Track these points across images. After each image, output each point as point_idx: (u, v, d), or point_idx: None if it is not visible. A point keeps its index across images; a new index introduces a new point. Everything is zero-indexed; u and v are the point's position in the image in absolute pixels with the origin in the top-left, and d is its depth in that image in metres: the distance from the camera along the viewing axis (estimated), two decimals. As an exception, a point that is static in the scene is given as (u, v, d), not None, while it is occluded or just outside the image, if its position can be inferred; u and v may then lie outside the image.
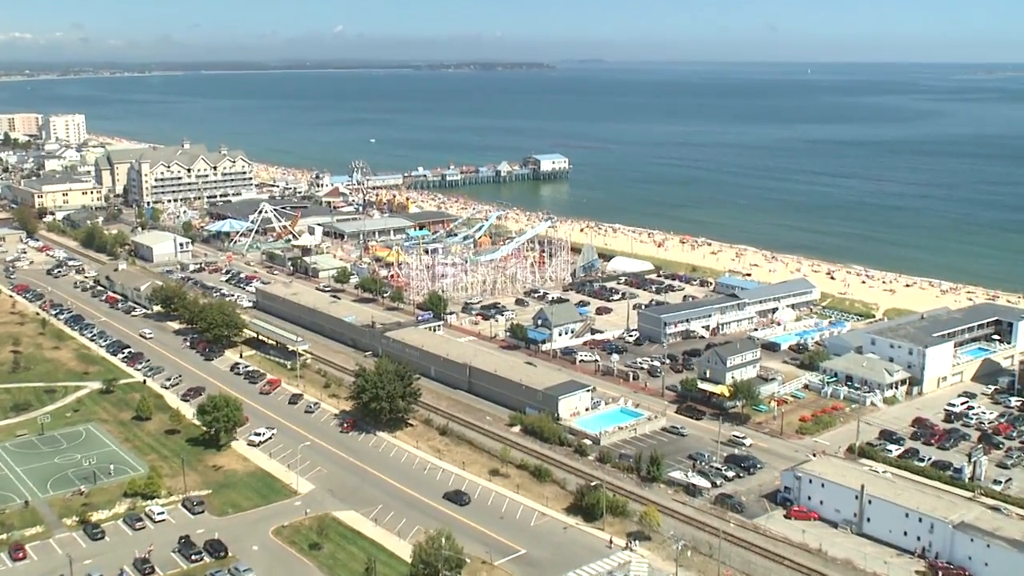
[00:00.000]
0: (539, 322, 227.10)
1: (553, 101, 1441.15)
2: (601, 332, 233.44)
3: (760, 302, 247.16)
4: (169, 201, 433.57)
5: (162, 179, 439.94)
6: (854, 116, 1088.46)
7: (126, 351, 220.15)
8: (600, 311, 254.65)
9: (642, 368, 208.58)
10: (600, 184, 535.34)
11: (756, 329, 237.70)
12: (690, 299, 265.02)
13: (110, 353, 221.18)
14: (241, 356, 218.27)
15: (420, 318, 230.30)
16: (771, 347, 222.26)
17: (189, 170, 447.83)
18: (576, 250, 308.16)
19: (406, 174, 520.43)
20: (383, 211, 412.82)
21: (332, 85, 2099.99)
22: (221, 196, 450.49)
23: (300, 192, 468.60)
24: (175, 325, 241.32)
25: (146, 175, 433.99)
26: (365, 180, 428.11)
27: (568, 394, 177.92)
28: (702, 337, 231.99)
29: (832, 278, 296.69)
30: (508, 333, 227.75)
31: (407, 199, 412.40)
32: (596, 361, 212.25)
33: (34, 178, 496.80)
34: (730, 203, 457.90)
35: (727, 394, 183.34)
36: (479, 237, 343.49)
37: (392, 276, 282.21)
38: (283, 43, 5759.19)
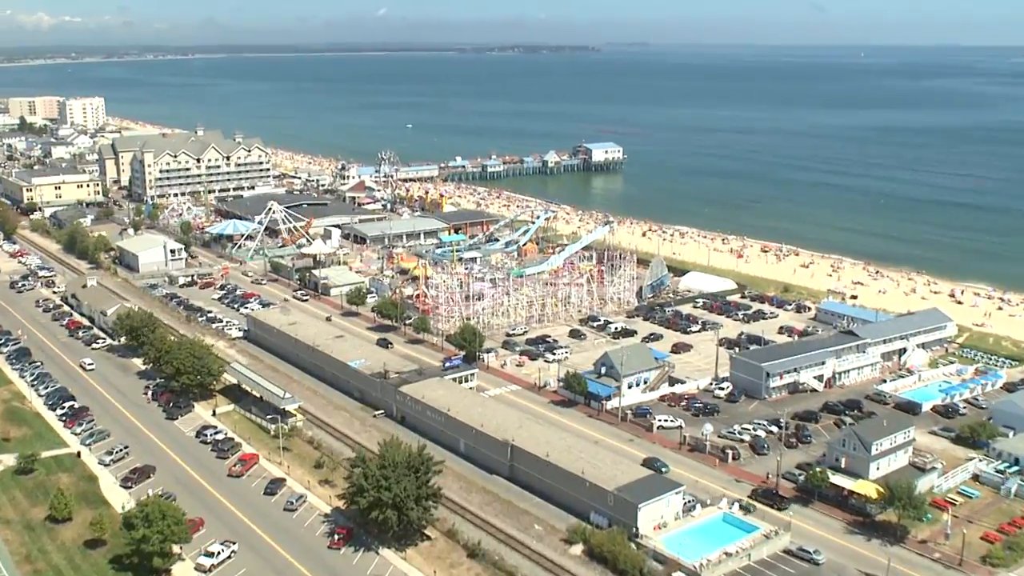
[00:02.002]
0: (603, 370, 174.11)
1: (599, 85, 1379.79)
2: (682, 382, 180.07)
3: (886, 341, 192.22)
4: (175, 195, 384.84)
5: (168, 170, 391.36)
6: (918, 101, 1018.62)
7: (67, 405, 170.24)
8: (677, 348, 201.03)
9: (741, 439, 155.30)
10: (656, 176, 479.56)
11: (884, 380, 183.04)
12: (790, 333, 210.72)
13: (48, 406, 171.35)
14: (215, 413, 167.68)
15: (447, 363, 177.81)
16: (908, 408, 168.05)
17: (199, 160, 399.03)
18: (642, 262, 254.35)
19: (442, 165, 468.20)
20: (413, 209, 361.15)
21: (372, 68, 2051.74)
22: (235, 190, 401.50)
23: (323, 185, 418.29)
24: (140, 364, 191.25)
25: (149, 166, 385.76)
26: (394, 173, 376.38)
27: (651, 500, 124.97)
28: (814, 390, 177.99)
29: (958, 302, 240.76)
30: (562, 384, 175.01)
31: (441, 196, 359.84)
32: (680, 427, 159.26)
33: (38, 167, 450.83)
34: (804, 201, 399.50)
35: (874, 496, 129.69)
36: (524, 244, 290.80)
37: (418, 296, 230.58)
38: (325, 26, 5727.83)
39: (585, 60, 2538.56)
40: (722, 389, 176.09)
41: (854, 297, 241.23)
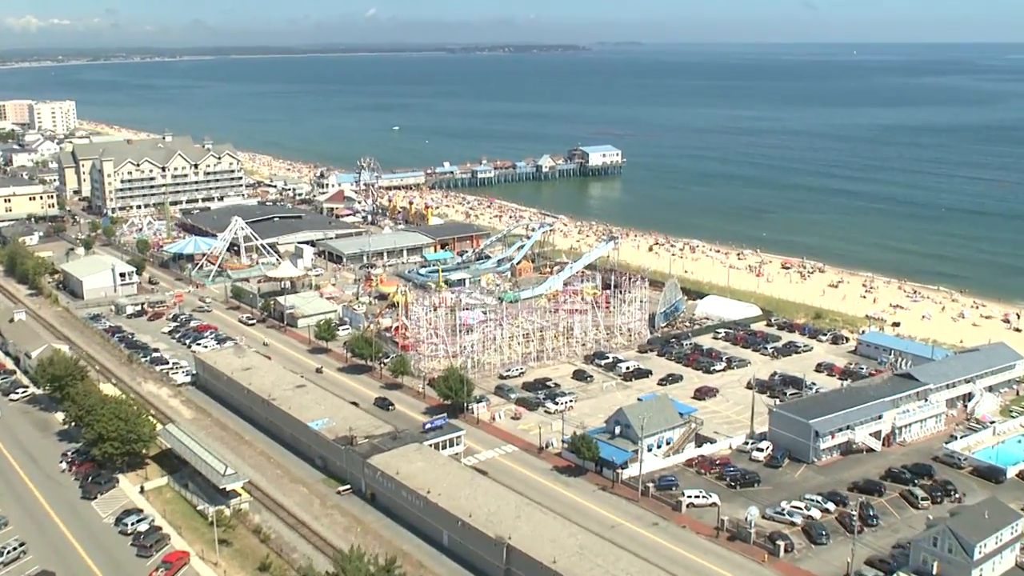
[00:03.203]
0: (617, 430, 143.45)
1: (591, 84, 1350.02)
2: (711, 441, 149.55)
3: (950, 385, 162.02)
4: (138, 208, 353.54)
5: (130, 180, 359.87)
6: (921, 98, 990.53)
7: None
8: (701, 394, 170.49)
9: (792, 522, 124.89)
10: (657, 182, 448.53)
11: (953, 436, 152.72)
12: (830, 372, 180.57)
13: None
14: (142, 489, 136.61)
15: (429, 425, 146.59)
16: (989, 474, 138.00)
17: (164, 169, 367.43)
18: (652, 283, 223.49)
19: (429, 171, 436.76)
20: (396, 222, 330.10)
21: (361, 69, 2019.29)
22: (204, 201, 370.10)
23: (300, 195, 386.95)
24: (63, 420, 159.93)
25: (109, 176, 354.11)
26: (375, 181, 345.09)
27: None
28: (870, 450, 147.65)
29: (1016, 329, 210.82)
30: (567, 446, 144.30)
31: (427, 207, 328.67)
32: (715, 505, 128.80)
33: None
34: (819, 210, 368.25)
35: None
36: (518, 263, 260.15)
37: (396, 329, 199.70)
38: (314, 27, 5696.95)
39: (576, 59, 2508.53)
40: (760, 451, 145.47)
41: (896, 325, 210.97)
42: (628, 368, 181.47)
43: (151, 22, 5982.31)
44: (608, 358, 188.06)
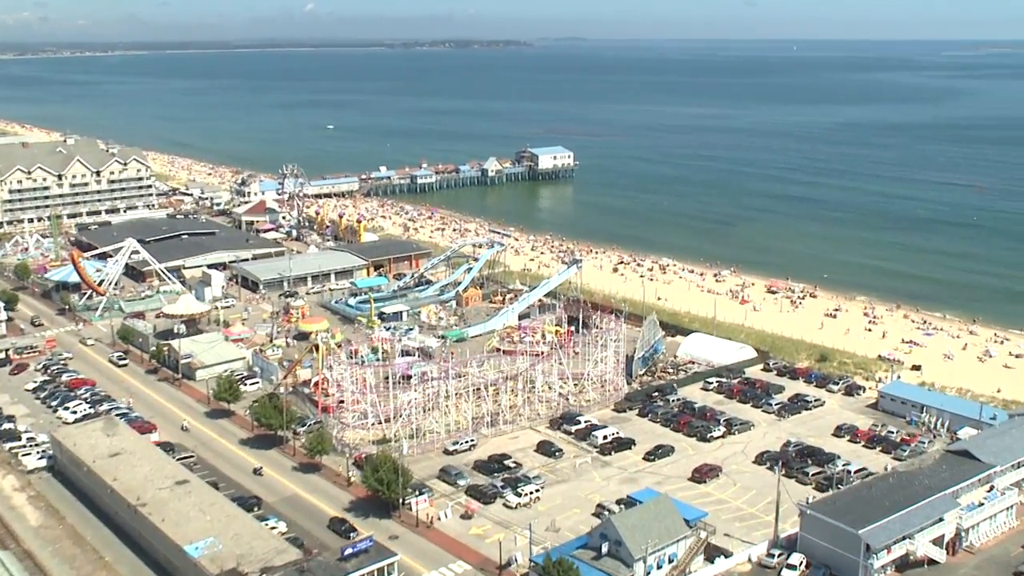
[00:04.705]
0: (604, 547, 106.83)
1: (535, 80, 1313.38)
2: (726, 554, 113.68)
3: (1017, 465, 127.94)
4: (29, 221, 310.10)
5: (20, 190, 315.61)
6: (869, 96, 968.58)
7: None
8: (700, 474, 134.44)
9: None
10: (612, 186, 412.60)
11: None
12: (854, 437, 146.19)
13: None
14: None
15: (348, 551, 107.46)
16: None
17: (60, 177, 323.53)
18: (631, 318, 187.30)
19: (364, 176, 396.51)
20: (325, 236, 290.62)
21: (297, 64, 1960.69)
22: (108, 213, 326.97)
23: (218, 204, 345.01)
24: None
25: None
26: (299, 190, 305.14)
27: None
28: (932, 562, 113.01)
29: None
30: (537, 569, 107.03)
31: (358, 221, 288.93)
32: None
33: None
34: (787, 222, 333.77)
35: None
36: (464, 289, 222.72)
37: (316, 384, 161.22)
38: (251, 22, 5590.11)
39: (519, 55, 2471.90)
40: (792, 568, 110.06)
41: (916, 368, 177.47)
42: (605, 437, 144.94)
43: (83, 16, 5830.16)
44: (579, 422, 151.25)
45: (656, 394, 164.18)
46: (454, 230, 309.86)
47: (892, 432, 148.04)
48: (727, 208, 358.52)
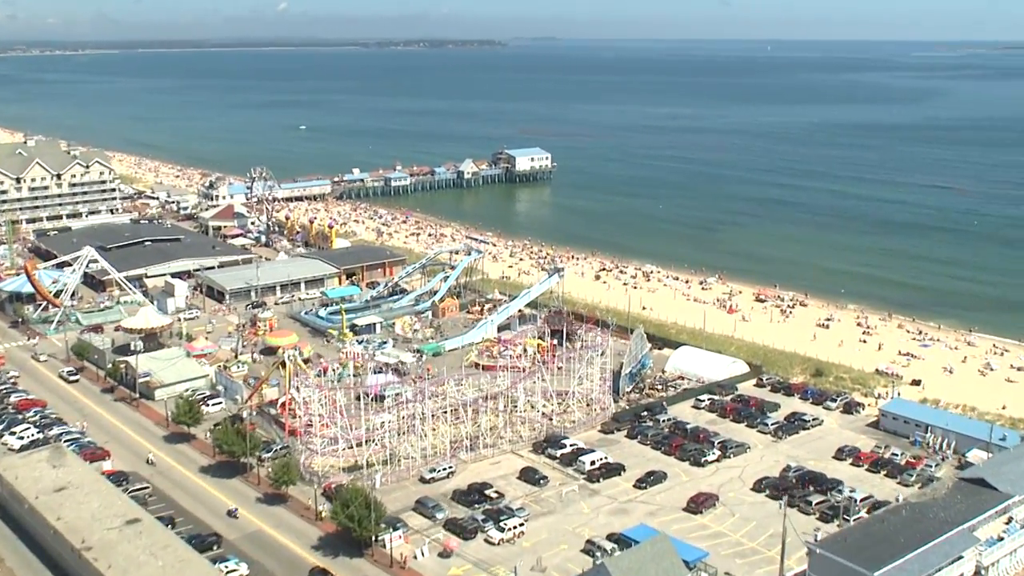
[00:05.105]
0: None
1: (510, 80, 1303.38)
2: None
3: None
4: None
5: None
6: (846, 96, 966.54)
7: None
8: (696, 504, 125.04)
9: None
10: (591, 189, 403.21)
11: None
12: (856, 460, 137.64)
13: None
14: None
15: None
16: None
17: (19, 180, 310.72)
18: (605, 326, 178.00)
19: (336, 179, 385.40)
20: (295, 243, 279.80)
21: (271, 63, 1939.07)
22: (70, 217, 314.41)
23: (185, 208, 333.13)
24: None
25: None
26: (268, 194, 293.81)
27: None
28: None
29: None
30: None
31: (329, 227, 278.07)
32: None
33: None
34: (769, 226, 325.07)
35: None
36: (440, 299, 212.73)
37: (283, 405, 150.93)
38: (224, 21, 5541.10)
39: (493, 55, 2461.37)
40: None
41: (916, 383, 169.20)
42: (593, 463, 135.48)
43: (53, 14, 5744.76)
44: (565, 445, 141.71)
45: (645, 413, 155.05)
46: (429, 235, 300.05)
47: (896, 455, 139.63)
48: (708, 212, 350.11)
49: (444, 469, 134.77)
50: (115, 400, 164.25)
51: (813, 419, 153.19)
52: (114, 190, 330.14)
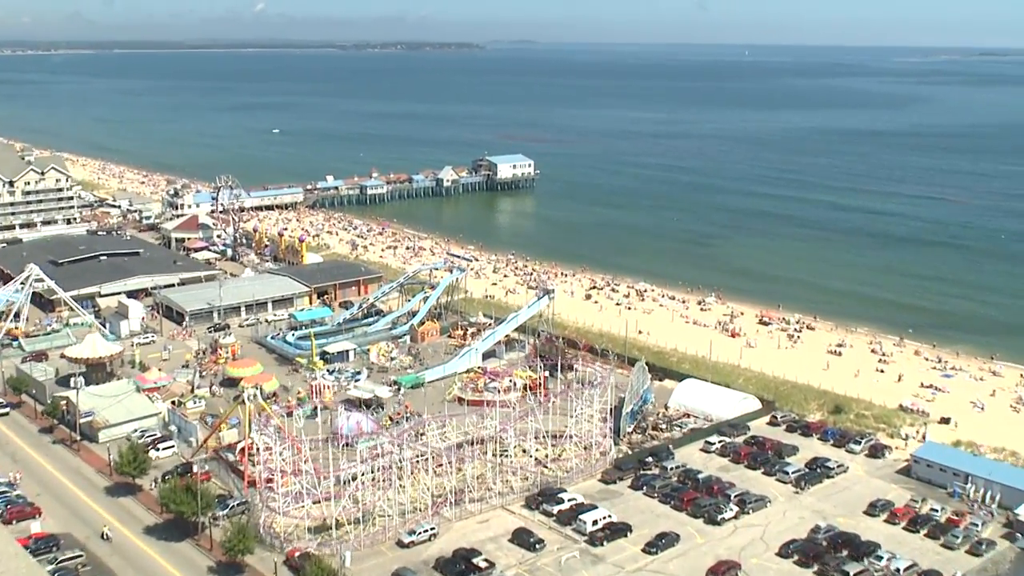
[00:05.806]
0: None
1: (488, 83, 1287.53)
2: None
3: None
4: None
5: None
6: (829, 101, 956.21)
7: None
8: (717, 575, 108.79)
9: None
10: (576, 199, 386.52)
11: None
12: (892, 517, 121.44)
13: None
14: None
15: None
16: None
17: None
18: (606, 356, 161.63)
19: (309, 187, 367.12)
20: (263, 256, 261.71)
21: (247, 65, 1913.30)
22: (23, 227, 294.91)
23: (148, 218, 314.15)
24: None
25: None
26: (234, 204, 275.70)
27: None
28: None
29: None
30: None
31: (301, 241, 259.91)
32: None
33: None
34: (766, 242, 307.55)
35: None
36: (420, 323, 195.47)
37: (242, 451, 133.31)
38: (200, 22, 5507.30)
39: (471, 58, 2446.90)
40: None
41: (945, 421, 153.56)
42: (596, 522, 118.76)
43: (27, 13, 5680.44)
44: (563, 500, 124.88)
45: (651, 459, 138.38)
46: (407, 248, 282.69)
47: (936, 511, 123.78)
48: (697, 224, 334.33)
49: (425, 531, 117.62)
50: (53, 443, 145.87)
51: (838, 465, 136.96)
52: (71, 198, 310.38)
